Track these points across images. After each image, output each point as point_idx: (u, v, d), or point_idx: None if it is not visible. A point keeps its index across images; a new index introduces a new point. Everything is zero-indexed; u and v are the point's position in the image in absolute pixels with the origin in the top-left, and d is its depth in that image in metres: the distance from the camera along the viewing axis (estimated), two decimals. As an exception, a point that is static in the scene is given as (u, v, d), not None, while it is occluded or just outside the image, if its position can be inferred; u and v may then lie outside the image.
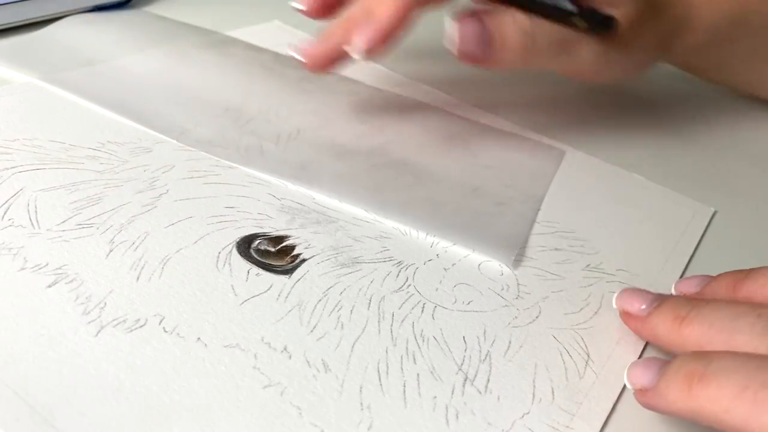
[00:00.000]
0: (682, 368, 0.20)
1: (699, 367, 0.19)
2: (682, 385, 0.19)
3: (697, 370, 0.19)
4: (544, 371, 0.23)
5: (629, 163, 0.37)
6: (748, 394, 0.18)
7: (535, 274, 0.28)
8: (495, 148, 0.36)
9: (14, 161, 0.29)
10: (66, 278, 0.24)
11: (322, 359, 0.22)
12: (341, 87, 0.40)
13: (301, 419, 0.20)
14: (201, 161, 0.31)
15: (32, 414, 0.19)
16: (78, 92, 0.34)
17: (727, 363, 0.19)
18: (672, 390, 0.20)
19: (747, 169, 0.40)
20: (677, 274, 0.29)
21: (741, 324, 0.21)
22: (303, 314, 0.24)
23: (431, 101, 0.40)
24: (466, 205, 0.31)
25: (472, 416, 0.21)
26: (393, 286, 0.26)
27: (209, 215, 0.28)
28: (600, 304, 0.27)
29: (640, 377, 0.21)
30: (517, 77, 0.45)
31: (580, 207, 0.33)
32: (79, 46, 0.39)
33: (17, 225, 0.26)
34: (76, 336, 0.22)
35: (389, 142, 0.35)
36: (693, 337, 0.22)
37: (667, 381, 0.20)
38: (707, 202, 0.35)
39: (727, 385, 0.18)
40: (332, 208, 0.30)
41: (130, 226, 0.26)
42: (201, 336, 0.22)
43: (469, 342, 0.24)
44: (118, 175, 0.29)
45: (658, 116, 0.45)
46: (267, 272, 0.25)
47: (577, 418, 0.22)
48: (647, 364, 0.21)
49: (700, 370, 0.19)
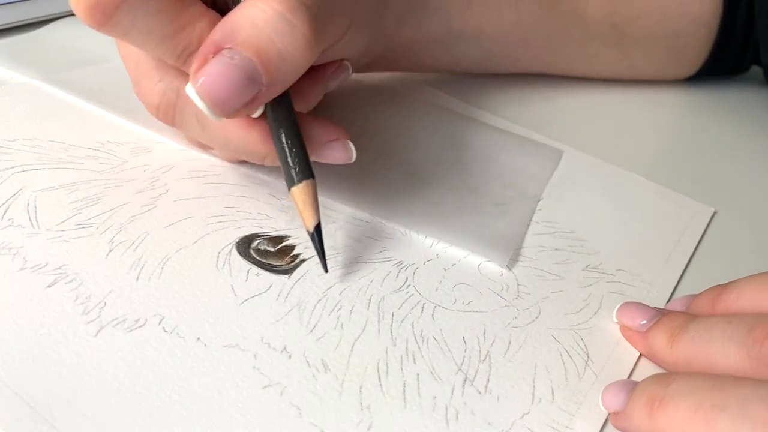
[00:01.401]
0: (644, 392, 0.20)
1: (659, 391, 0.20)
2: (645, 408, 0.20)
3: (657, 393, 0.20)
4: (543, 371, 0.23)
5: (629, 163, 0.37)
6: (700, 415, 0.18)
7: (535, 274, 0.28)
8: (494, 148, 0.36)
9: (14, 161, 0.29)
10: (65, 278, 0.24)
11: (322, 359, 0.22)
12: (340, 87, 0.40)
13: (300, 419, 0.20)
14: (201, 161, 0.31)
15: (32, 414, 0.19)
16: (77, 92, 0.34)
17: (682, 385, 0.20)
18: (636, 414, 0.20)
19: (747, 169, 0.40)
20: (677, 274, 0.29)
21: (714, 333, 0.22)
22: (303, 314, 0.24)
23: (431, 101, 0.40)
24: (465, 206, 0.31)
25: (471, 416, 0.21)
26: (393, 286, 0.26)
27: (209, 215, 0.28)
28: (600, 305, 0.27)
29: (612, 401, 0.22)
30: (517, 77, 0.45)
31: (580, 207, 0.33)
32: (79, 46, 0.39)
33: (17, 225, 0.25)
34: (76, 336, 0.22)
35: (389, 142, 0.35)
36: (681, 354, 0.23)
37: (632, 405, 0.21)
38: (707, 202, 0.35)
39: (681, 407, 0.19)
40: (332, 209, 0.29)
41: (129, 226, 0.26)
42: (201, 336, 0.22)
43: (468, 342, 0.24)
44: (117, 175, 0.29)
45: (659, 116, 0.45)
46: (267, 272, 0.25)
47: (577, 418, 0.22)
48: (618, 387, 0.22)
49: (660, 393, 0.20)
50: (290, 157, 0.25)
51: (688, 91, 0.48)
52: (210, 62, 0.22)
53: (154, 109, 0.27)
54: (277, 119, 0.25)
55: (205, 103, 0.23)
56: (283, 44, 0.23)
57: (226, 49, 0.22)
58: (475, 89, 0.43)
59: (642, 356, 0.25)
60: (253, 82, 0.22)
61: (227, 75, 0.22)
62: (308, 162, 0.25)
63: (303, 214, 0.25)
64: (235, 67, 0.22)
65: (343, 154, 0.27)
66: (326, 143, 0.27)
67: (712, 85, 0.48)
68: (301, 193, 0.25)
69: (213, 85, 0.22)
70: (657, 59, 0.46)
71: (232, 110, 0.23)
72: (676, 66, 0.48)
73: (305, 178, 0.25)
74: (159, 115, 0.27)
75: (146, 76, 0.27)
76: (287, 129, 0.25)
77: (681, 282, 0.29)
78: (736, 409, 0.18)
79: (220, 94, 0.22)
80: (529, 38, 0.42)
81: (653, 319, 0.24)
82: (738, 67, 0.49)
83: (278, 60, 0.23)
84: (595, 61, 0.45)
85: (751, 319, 0.21)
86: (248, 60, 0.22)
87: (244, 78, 0.22)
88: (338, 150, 0.27)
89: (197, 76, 0.22)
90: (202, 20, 0.24)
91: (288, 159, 0.25)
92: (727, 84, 0.50)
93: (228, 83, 0.22)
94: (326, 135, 0.27)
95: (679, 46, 0.46)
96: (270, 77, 0.23)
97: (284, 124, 0.25)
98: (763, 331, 0.20)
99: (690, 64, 0.48)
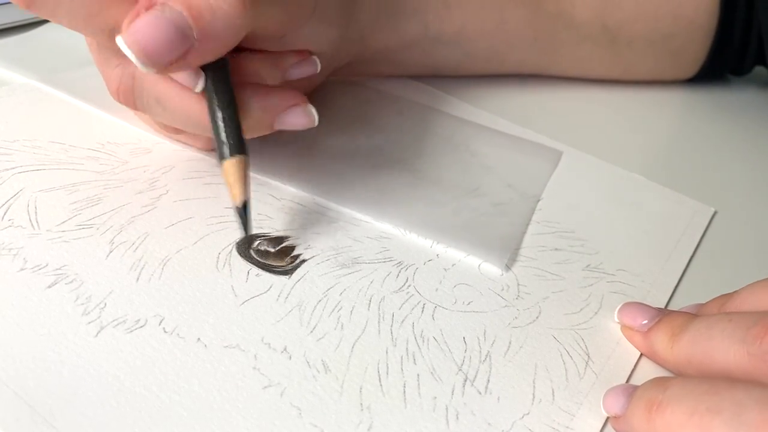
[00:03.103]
0: (643, 396, 0.21)
1: (657, 395, 0.20)
2: (643, 412, 0.20)
3: (655, 397, 0.20)
4: (544, 372, 0.23)
5: (629, 163, 0.37)
6: (695, 419, 0.19)
7: (535, 274, 0.28)
8: (494, 148, 0.36)
9: (14, 162, 0.29)
10: (66, 279, 0.24)
11: (322, 360, 0.22)
12: (339, 87, 0.40)
13: (300, 420, 0.20)
14: (201, 161, 0.31)
15: (32, 414, 0.19)
16: (78, 93, 0.34)
17: (679, 389, 0.20)
18: (635, 417, 0.20)
19: (747, 169, 0.40)
20: (677, 274, 0.29)
21: (714, 332, 0.22)
22: (303, 315, 0.24)
23: (431, 101, 0.40)
24: (464, 206, 0.31)
25: (472, 417, 0.21)
26: (393, 286, 0.26)
27: (209, 216, 0.28)
28: (600, 305, 0.27)
29: (613, 405, 0.22)
30: (517, 77, 0.45)
31: (580, 207, 0.33)
32: (79, 47, 0.39)
33: (17, 225, 0.25)
34: (76, 336, 0.22)
35: (389, 142, 0.35)
36: (682, 353, 0.23)
37: (632, 409, 0.21)
38: (707, 202, 0.35)
39: (678, 411, 0.19)
40: (332, 209, 0.29)
41: (130, 226, 0.26)
42: (201, 336, 0.22)
43: (469, 342, 0.24)
44: (117, 175, 0.29)
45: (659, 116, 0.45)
46: (267, 273, 0.25)
47: (577, 418, 0.22)
48: (618, 391, 0.22)
49: (659, 397, 0.20)
50: (224, 131, 0.25)
51: (688, 91, 0.48)
52: (141, 16, 0.23)
53: (115, 93, 0.27)
54: (212, 90, 0.25)
55: (135, 54, 0.23)
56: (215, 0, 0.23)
57: (158, 4, 0.23)
58: (475, 90, 0.43)
59: (642, 356, 0.25)
60: (183, 35, 0.23)
61: (157, 26, 0.23)
62: (241, 137, 0.26)
63: (231, 189, 0.25)
64: (165, 19, 0.23)
65: (304, 119, 0.28)
66: (287, 109, 0.27)
67: (712, 86, 0.48)
68: (231, 167, 0.25)
69: (143, 37, 0.23)
70: (652, 61, 0.46)
71: (163, 62, 0.23)
72: (674, 68, 0.48)
73: (237, 153, 0.25)
74: (120, 98, 0.27)
75: (105, 62, 0.27)
76: (221, 102, 0.25)
77: (681, 282, 0.29)
78: (731, 413, 0.18)
79: (149, 45, 0.23)
80: (514, 40, 0.42)
81: (654, 318, 0.24)
82: (739, 68, 0.49)
83: (209, 14, 0.23)
84: (588, 63, 0.45)
85: (751, 316, 0.21)
86: (178, 13, 0.23)
87: (173, 30, 0.23)
88: (299, 115, 0.28)
89: (129, 27, 0.23)
90: None
91: (221, 133, 0.25)
92: (727, 84, 0.50)
93: (157, 34, 0.23)
94: (285, 101, 0.27)
95: (675, 48, 0.46)
96: (201, 31, 0.23)
97: (219, 96, 0.25)
98: (763, 328, 0.20)
99: (688, 66, 0.47)
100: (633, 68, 0.46)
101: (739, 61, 0.48)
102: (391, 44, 0.38)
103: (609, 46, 0.44)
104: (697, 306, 0.26)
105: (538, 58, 0.44)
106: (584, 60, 0.45)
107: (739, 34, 0.46)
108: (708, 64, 0.47)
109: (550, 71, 0.45)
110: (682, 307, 0.27)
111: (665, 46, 0.45)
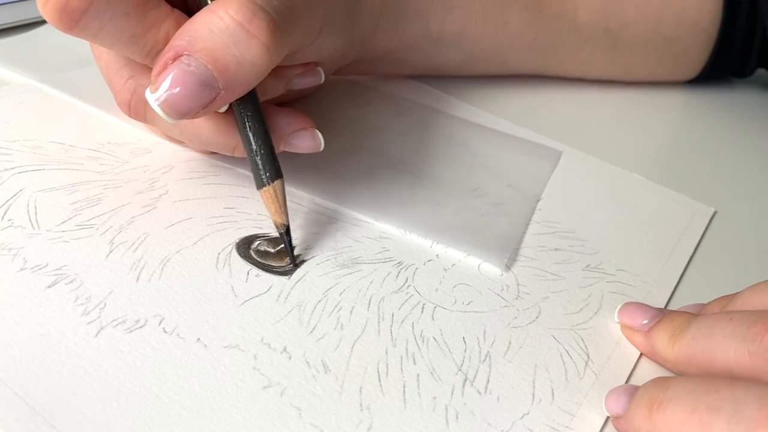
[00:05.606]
0: (645, 396, 0.21)
1: (659, 394, 0.20)
2: (645, 412, 0.20)
3: (656, 397, 0.20)
4: (544, 372, 0.23)
5: (629, 163, 0.37)
6: (695, 418, 0.19)
7: (535, 274, 0.28)
8: (494, 148, 0.36)
9: (14, 162, 0.29)
10: (66, 279, 0.24)
11: (322, 360, 0.22)
12: (340, 87, 0.40)
13: (300, 420, 0.20)
14: (201, 161, 0.31)
15: (32, 414, 0.19)
16: (78, 93, 0.34)
17: (679, 388, 0.20)
18: (637, 417, 0.21)
19: (747, 169, 0.40)
20: (677, 274, 0.29)
21: (715, 331, 0.22)
22: (303, 315, 0.24)
23: (431, 101, 0.40)
24: (464, 206, 0.31)
25: (471, 417, 0.21)
26: (393, 286, 0.26)
27: (209, 216, 0.28)
28: (600, 305, 0.27)
29: (614, 405, 0.22)
30: (517, 78, 0.45)
31: (580, 207, 0.33)
32: (79, 47, 0.39)
33: (17, 225, 0.25)
34: (76, 336, 0.22)
35: (389, 142, 0.35)
36: (683, 352, 0.23)
37: (633, 408, 0.21)
38: (707, 202, 0.35)
39: (679, 410, 0.19)
40: (332, 209, 0.29)
41: (129, 226, 0.26)
42: (201, 337, 0.22)
43: (468, 342, 0.24)
44: (117, 175, 0.29)
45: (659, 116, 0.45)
46: (267, 273, 0.25)
47: (577, 418, 0.22)
48: (620, 391, 0.22)
49: (660, 396, 0.20)
50: (259, 158, 0.25)
51: (688, 92, 0.48)
52: (168, 69, 0.23)
53: (126, 106, 0.28)
54: (242, 116, 0.26)
55: (162, 110, 0.23)
56: (239, 51, 0.23)
57: (184, 55, 0.23)
58: (475, 90, 0.43)
59: (642, 356, 0.25)
60: (208, 87, 0.23)
61: (184, 82, 0.23)
62: (276, 161, 0.26)
63: (274, 217, 0.26)
64: (191, 74, 0.23)
65: (311, 143, 0.28)
66: (293, 133, 0.28)
67: (713, 86, 0.48)
68: (270, 194, 0.26)
69: (171, 96, 0.23)
70: (654, 63, 0.46)
71: (187, 114, 0.24)
72: (675, 70, 0.48)
73: (274, 178, 0.25)
74: (130, 112, 0.28)
75: (117, 74, 0.27)
76: (254, 128, 0.25)
77: (681, 282, 0.29)
78: (731, 411, 0.18)
79: (176, 100, 0.23)
80: (516, 42, 0.42)
81: (655, 318, 0.24)
82: (741, 70, 0.49)
83: (235, 66, 0.23)
84: (590, 65, 0.45)
85: (752, 315, 0.21)
86: (204, 67, 0.23)
87: (199, 84, 0.23)
88: (306, 139, 0.28)
89: (156, 82, 0.23)
90: (168, 20, 0.25)
91: (257, 161, 0.25)
92: (728, 85, 0.50)
93: (184, 92, 0.23)
94: (292, 125, 0.28)
95: (677, 51, 0.46)
96: (226, 83, 0.23)
97: (250, 122, 0.25)
98: (764, 326, 0.20)
99: (689, 69, 0.48)
100: (634, 70, 0.46)
101: (742, 64, 0.48)
102: (392, 45, 0.38)
103: (610, 48, 0.44)
104: (698, 306, 0.26)
105: (540, 60, 0.44)
106: (585, 62, 0.45)
107: (741, 37, 0.46)
108: (710, 66, 0.47)
109: (551, 72, 0.45)
110: (682, 307, 0.27)
111: (667, 49, 0.45)
